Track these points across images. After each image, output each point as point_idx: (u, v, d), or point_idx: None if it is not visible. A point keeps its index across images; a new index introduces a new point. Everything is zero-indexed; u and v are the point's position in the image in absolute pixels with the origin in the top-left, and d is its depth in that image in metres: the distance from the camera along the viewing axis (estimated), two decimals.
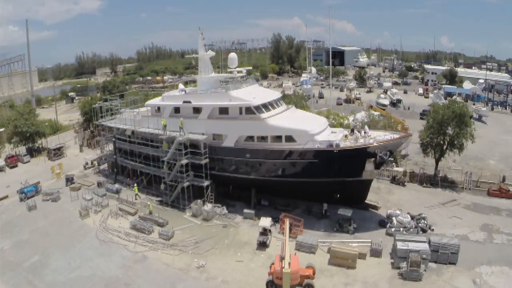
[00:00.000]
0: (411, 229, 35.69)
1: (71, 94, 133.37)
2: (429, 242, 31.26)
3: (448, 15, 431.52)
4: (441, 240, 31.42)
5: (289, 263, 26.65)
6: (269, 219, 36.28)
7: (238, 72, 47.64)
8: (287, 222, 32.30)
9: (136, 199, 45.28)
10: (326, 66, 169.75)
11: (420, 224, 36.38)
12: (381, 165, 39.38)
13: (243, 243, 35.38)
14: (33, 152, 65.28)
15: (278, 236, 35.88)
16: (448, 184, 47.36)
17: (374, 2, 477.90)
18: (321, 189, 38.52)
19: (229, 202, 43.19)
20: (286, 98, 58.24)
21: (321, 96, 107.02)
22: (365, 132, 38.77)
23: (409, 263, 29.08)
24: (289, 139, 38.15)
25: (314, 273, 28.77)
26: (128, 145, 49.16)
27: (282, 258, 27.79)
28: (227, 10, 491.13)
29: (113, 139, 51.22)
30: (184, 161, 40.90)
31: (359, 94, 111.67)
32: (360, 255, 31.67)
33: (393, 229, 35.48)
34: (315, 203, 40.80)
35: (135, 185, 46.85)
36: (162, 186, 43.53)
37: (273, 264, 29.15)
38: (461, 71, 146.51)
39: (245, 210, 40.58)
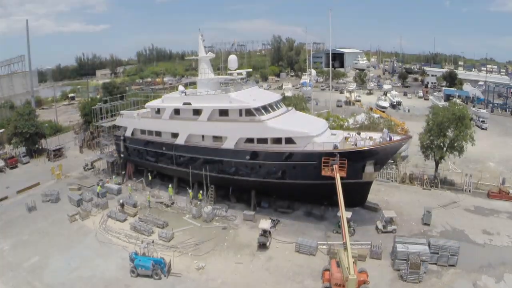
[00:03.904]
0: None
1: (71, 95, 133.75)
2: (429, 244, 31.28)
3: (448, 15, 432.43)
4: (441, 242, 31.42)
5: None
6: (269, 221, 36.30)
7: (238, 74, 47.69)
8: (344, 223, 30.74)
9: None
10: (326, 68, 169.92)
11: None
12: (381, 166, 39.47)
13: (243, 245, 35.38)
14: (33, 153, 65.29)
15: (278, 238, 35.94)
16: (448, 186, 47.41)
17: (374, 4, 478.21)
18: (321, 191, 38.48)
19: (229, 204, 43.25)
20: (286, 100, 58.34)
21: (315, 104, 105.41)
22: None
23: (409, 265, 29.10)
24: (289, 141, 38.15)
25: (367, 277, 28.29)
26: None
27: (339, 264, 27.64)
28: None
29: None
30: None
31: (359, 96, 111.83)
32: (359, 257, 31.71)
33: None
34: (315, 205, 40.98)
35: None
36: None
37: (326, 270, 29.02)
38: (461, 73, 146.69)
39: (245, 212, 40.63)
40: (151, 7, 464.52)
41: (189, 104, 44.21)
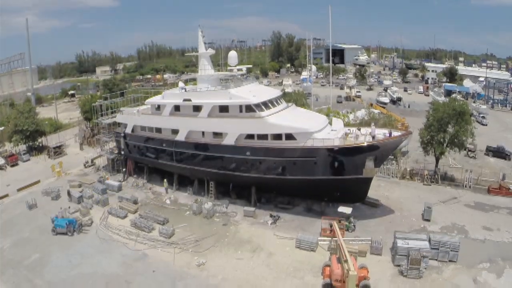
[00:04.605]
0: None
1: (71, 92, 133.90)
2: (429, 240, 31.29)
3: (448, 13, 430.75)
4: (441, 238, 31.46)
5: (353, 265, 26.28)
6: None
7: (238, 70, 47.54)
8: (335, 224, 32.00)
9: None
10: (326, 64, 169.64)
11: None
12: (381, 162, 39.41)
13: (243, 241, 35.40)
14: (32, 151, 65.27)
15: (278, 234, 35.97)
16: (448, 182, 47.39)
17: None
18: (321, 187, 38.50)
19: (229, 200, 43.31)
20: (286, 96, 58.25)
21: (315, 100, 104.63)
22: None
23: (409, 261, 29.13)
24: (289, 137, 38.08)
25: (368, 273, 28.20)
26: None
27: (339, 260, 27.68)
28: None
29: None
30: None
31: (359, 92, 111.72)
32: (360, 253, 31.74)
33: None
34: (315, 201, 41.00)
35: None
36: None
37: (327, 266, 29.06)
38: (461, 69, 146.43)
39: (245, 208, 40.65)
40: (148, 5, 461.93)
41: (189, 100, 44.13)
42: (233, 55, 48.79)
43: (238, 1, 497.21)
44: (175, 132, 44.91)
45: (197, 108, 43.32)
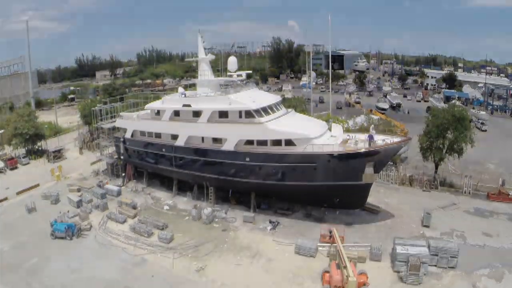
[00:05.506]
0: None
1: (71, 96, 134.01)
2: (429, 246, 31.28)
3: (448, 19, 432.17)
4: (440, 244, 31.46)
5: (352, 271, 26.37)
6: None
7: (238, 75, 47.65)
8: (335, 230, 32.34)
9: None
10: (325, 70, 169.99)
11: None
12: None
13: (243, 246, 35.36)
14: (31, 154, 65.19)
15: (278, 239, 35.93)
16: (447, 188, 47.40)
17: (373, 5, 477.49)
18: (321, 193, 38.49)
19: (229, 206, 43.28)
20: (285, 102, 58.33)
21: (321, 101, 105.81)
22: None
23: (408, 267, 29.10)
24: (289, 143, 38.13)
25: (367, 279, 28.30)
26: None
27: (339, 266, 27.71)
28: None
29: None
30: None
31: (359, 98, 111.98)
32: (359, 259, 31.71)
33: None
34: (314, 207, 40.98)
35: None
36: None
37: (326, 272, 29.10)
38: (460, 75, 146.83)
39: (245, 214, 40.61)
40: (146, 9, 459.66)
41: (189, 105, 44.20)
42: (232, 60, 48.78)
43: (216, 9, 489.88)
44: (174, 137, 44.94)
45: (196, 114, 43.39)
